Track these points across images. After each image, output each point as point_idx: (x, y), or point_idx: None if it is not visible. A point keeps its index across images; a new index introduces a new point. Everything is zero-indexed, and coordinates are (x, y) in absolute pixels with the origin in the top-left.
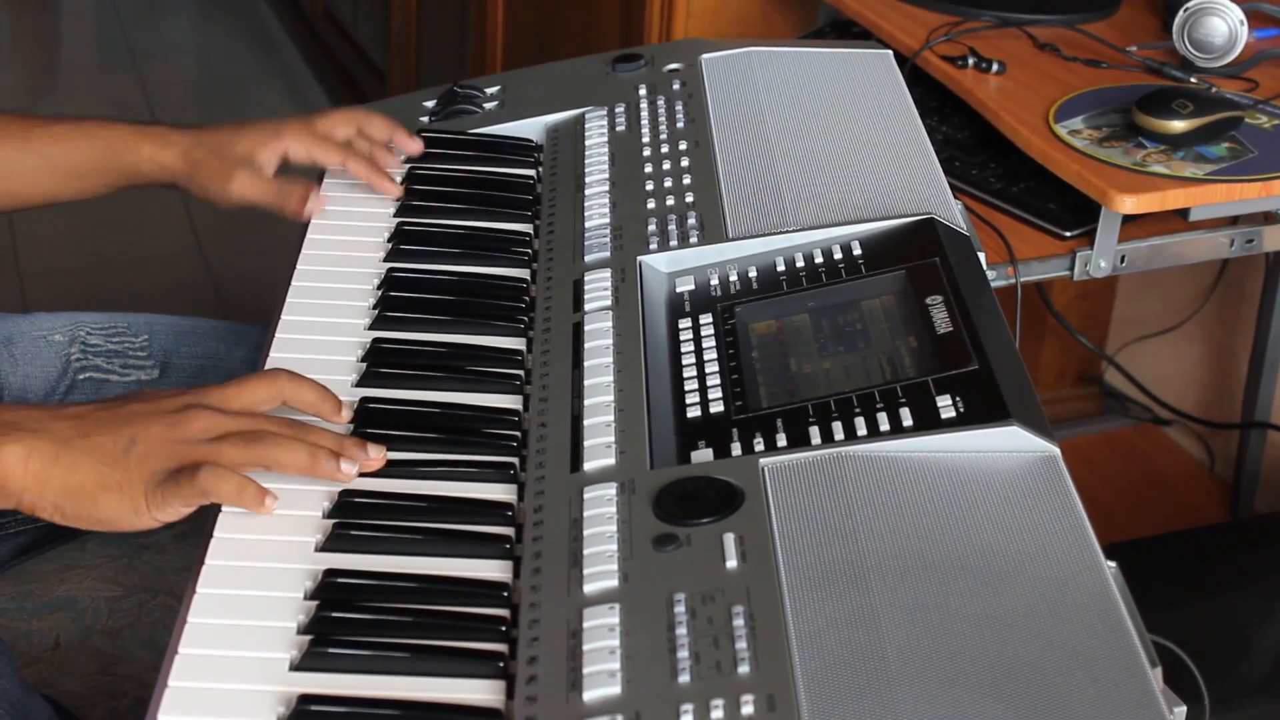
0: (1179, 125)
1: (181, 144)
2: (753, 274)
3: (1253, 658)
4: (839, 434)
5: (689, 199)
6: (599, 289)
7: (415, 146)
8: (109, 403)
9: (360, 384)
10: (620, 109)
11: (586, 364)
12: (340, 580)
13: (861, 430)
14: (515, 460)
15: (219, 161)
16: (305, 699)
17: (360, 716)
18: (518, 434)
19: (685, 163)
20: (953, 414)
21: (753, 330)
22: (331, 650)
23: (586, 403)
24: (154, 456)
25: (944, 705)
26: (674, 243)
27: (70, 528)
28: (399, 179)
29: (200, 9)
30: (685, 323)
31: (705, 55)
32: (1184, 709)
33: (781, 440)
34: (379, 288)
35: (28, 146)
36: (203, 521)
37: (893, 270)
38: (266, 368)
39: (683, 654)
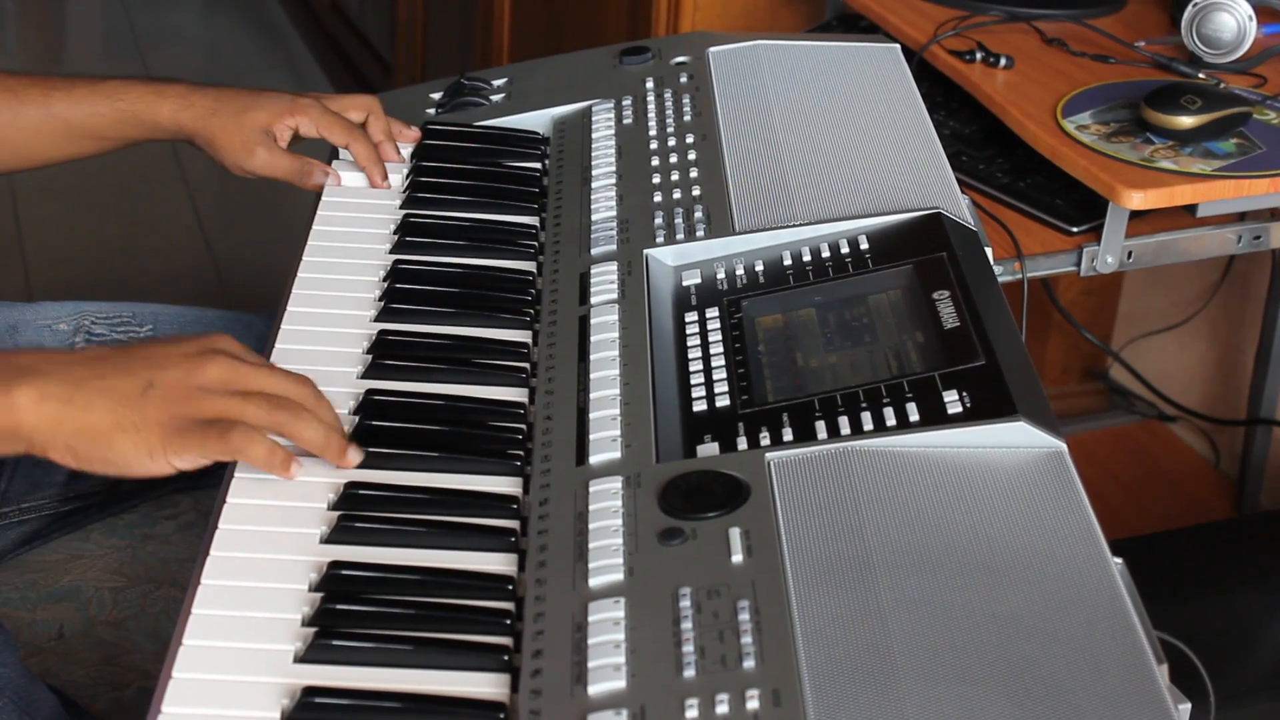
0: (1187, 121)
1: (202, 105)
2: (759, 268)
3: (1258, 654)
4: (845, 429)
5: (695, 192)
6: (605, 282)
7: (412, 134)
8: (128, 346)
9: (365, 376)
10: (627, 102)
11: (592, 357)
12: (345, 572)
13: (868, 425)
14: (520, 453)
15: (239, 132)
16: (309, 691)
17: (364, 709)
18: (523, 427)
19: (692, 156)
20: (959, 409)
21: (759, 324)
22: (336, 642)
23: (592, 396)
24: (172, 401)
25: (949, 701)
26: (680, 236)
27: (74, 518)
28: (405, 171)
29: (206, 1)
30: (691, 316)
31: (712, 48)
32: (1189, 705)
33: (788, 435)
34: (385, 279)
35: (49, 110)
36: (207, 512)
37: (899, 265)
38: (272, 359)
39: (688, 648)
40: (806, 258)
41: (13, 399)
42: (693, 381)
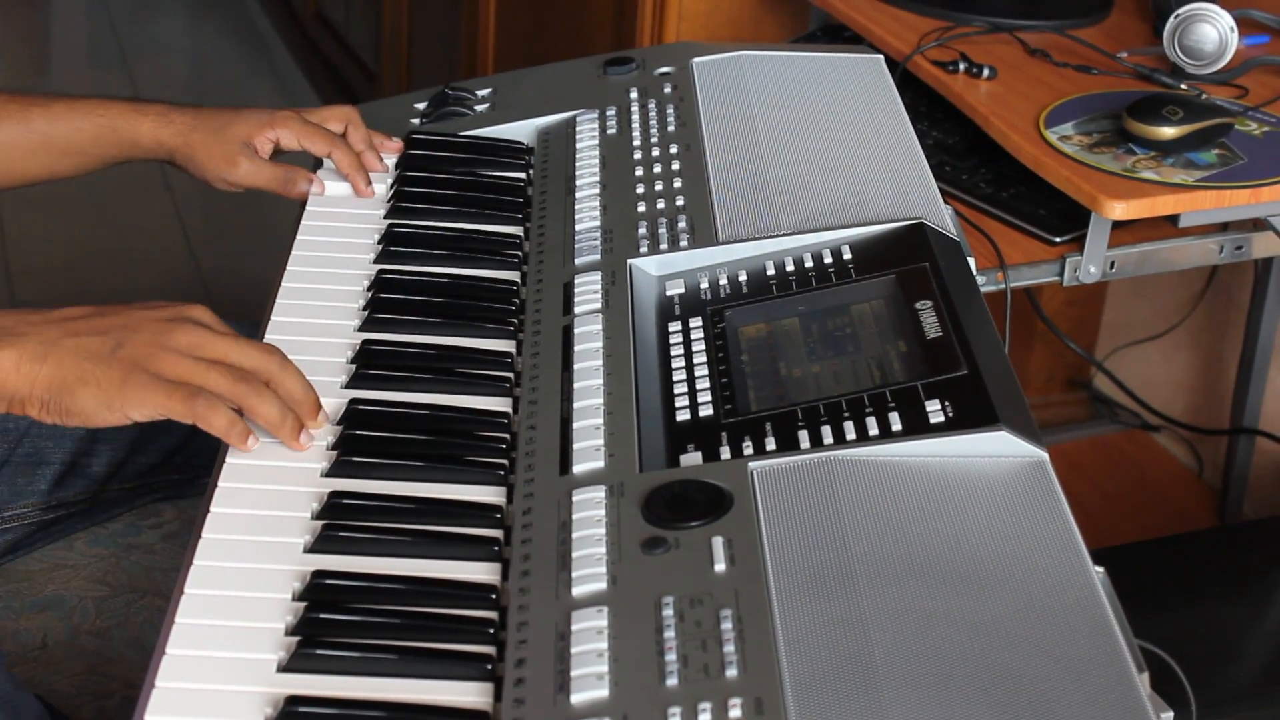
0: (1169, 131)
1: (181, 122)
2: (743, 278)
3: (1240, 663)
4: (828, 438)
5: (679, 202)
6: (589, 292)
7: (394, 145)
8: (105, 307)
9: (349, 385)
10: (611, 112)
11: (576, 367)
12: (328, 582)
13: (850, 434)
14: (504, 463)
15: (219, 145)
16: (293, 700)
17: (348, 718)
18: (507, 436)
19: (676, 166)
20: (941, 419)
21: (742, 334)
22: (319, 652)
23: (576, 405)
24: (137, 359)
25: (931, 709)
26: (664, 246)
27: (57, 526)
28: (389, 181)
29: (191, 8)
30: (675, 326)
31: (696, 59)
32: (1171, 714)
33: (770, 444)
34: (369, 289)
35: (28, 126)
36: (191, 522)
37: (882, 275)
38: None
39: (671, 657)
40: (790, 267)
41: None
42: (676, 391)
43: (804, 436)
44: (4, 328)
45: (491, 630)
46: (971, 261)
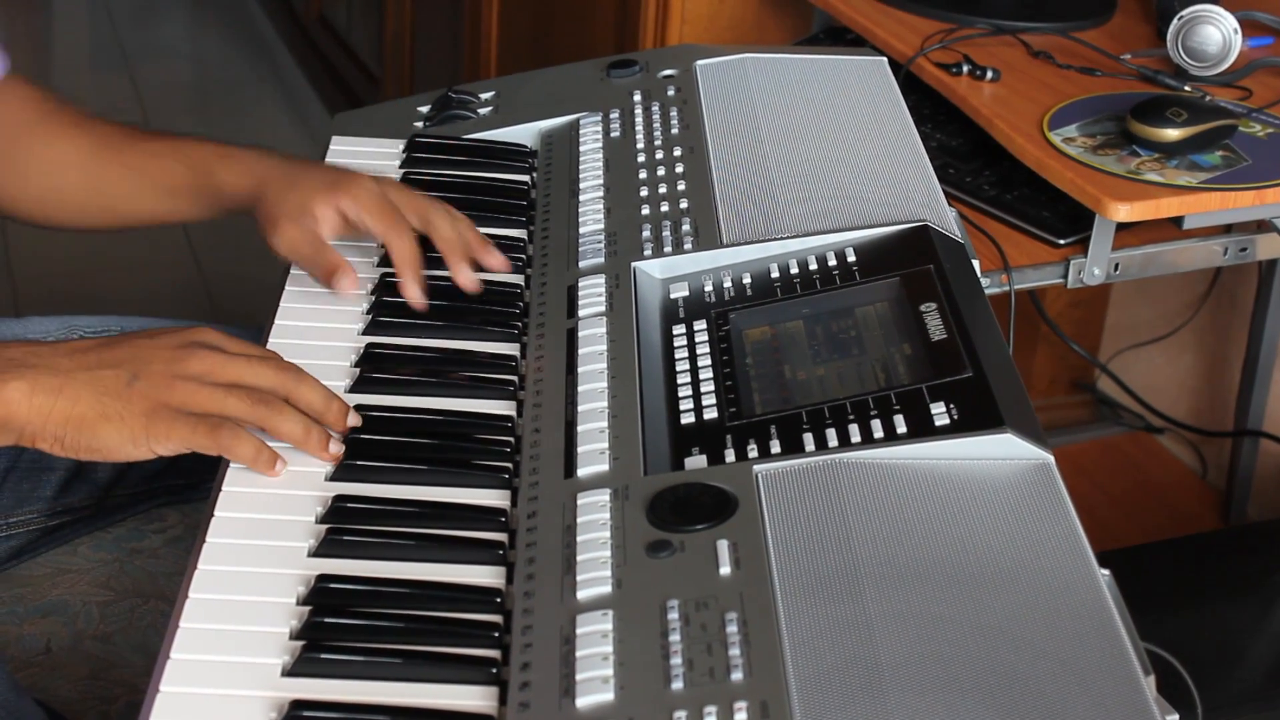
0: (1173, 133)
1: (259, 172)
2: (747, 280)
3: (1245, 666)
4: (833, 441)
5: (683, 205)
6: (593, 295)
7: (497, 261)
8: (113, 338)
9: (353, 389)
10: (615, 115)
11: (580, 370)
12: (333, 585)
13: (855, 437)
14: (509, 466)
15: (274, 208)
16: (297, 705)
17: None
18: (511, 440)
19: (680, 169)
20: (946, 421)
21: (747, 336)
22: (324, 656)
23: (580, 409)
24: (156, 391)
25: (936, 712)
26: (668, 249)
27: (61, 532)
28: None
29: (193, 11)
30: (679, 329)
31: (700, 61)
32: (1176, 717)
33: (775, 447)
34: (372, 293)
35: (126, 163)
36: (195, 526)
37: (887, 277)
38: None
39: (676, 660)
40: (794, 270)
41: (6, 392)
42: (680, 394)
43: (809, 439)
44: (13, 359)
45: (496, 634)
46: (976, 264)
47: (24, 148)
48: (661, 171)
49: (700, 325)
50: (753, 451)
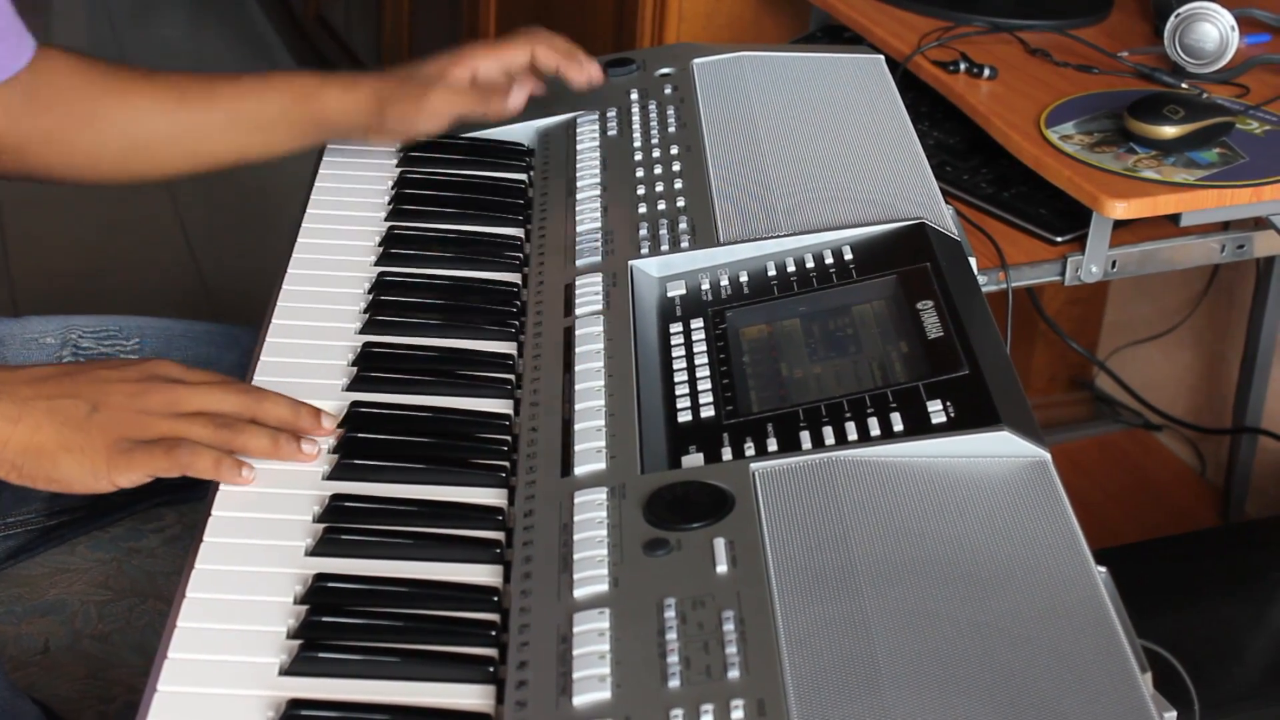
0: (1170, 131)
1: (368, 85)
2: (744, 278)
3: (1243, 663)
4: (830, 439)
5: (680, 203)
6: (590, 293)
7: (591, 72)
8: (72, 367)
9: (351, 388)
10: (612, 113)
11: (577, 368)
12: (330, 585)
13: (852, 435)
14: (506, 464)
15: (410, 86)
16: (294, 704)
17: None
18: (508, 438)
19: (677, 167)
20: (943, 419)
21: (744, 335)
22: (321, 655)
23: (577, 407)
24: (116, 424)
25: (934, 710)
26: (665, 247)
27: (59, 531)
28: (390, 183)
29: (192, 10)
30: (676, 327)
31: (697, 60)
32: (1174, 714)
33: (772, 445)
34: (370, 291)
35: (212, 104)
36: (192, 526)
37: (884, 275)
38: (256, 372)
39: (673, 659)
40: (791, 268)
41: None
42: (677, 392)
43: (806, 437)
44: None
45: (493, 632)
46: (973, 261)
47: (99, 108)
48: (659, 170)
49: (697, 324)
50: (750, 450)
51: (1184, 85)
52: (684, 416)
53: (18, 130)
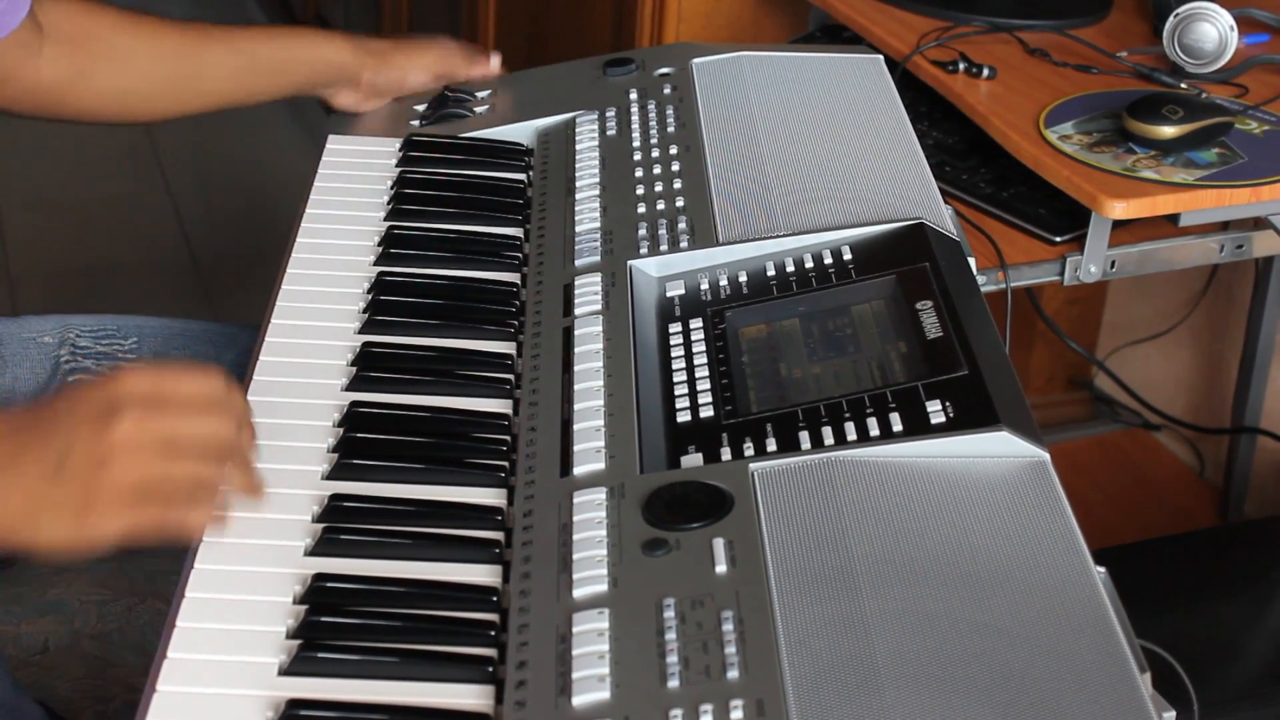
0: (1169, 131)
1: (360, 39)
2: (743, 278)
3: (1242, 663)
4: (829, 439)
5: (679, 203)
6: (589, 293)
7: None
8: (30, 412)
9: (350, 388)
10: (611, 113)
11: (576, 368)
12: (329, 585)
13: (851, 435)
14: (505, 464)
15: (402, 44)
16: (294, 704)
17: None
18: (507, 438)
19: (676, 167)
20: (942, 419)
21: (743, 335)
22: (320, 655)
23: (576, 407)
24: (88, 472)
25: (933, 710)
26: (664, 247)
27: None
28: (389, 183)
29: (190, 9)
30: (675, 327)
31: (696, 59)
32: (1173, 714)
33: (771, 445)
34: (369, 291)
35: (234, 47)
36: None
37: (883, 275)
38: (256, 372)
39: (672, 659)
40: (790, 268)
41: None
42: (677, 392)
43: (805, 437)
44: None
45: (492, 632)
46: (972, 261)
47: (116, 41)
48: (658, 170)
49: (696, 323)
50: (749, 450)
51: (1183, 85)
52: (683, 416)
53: (37, 75)
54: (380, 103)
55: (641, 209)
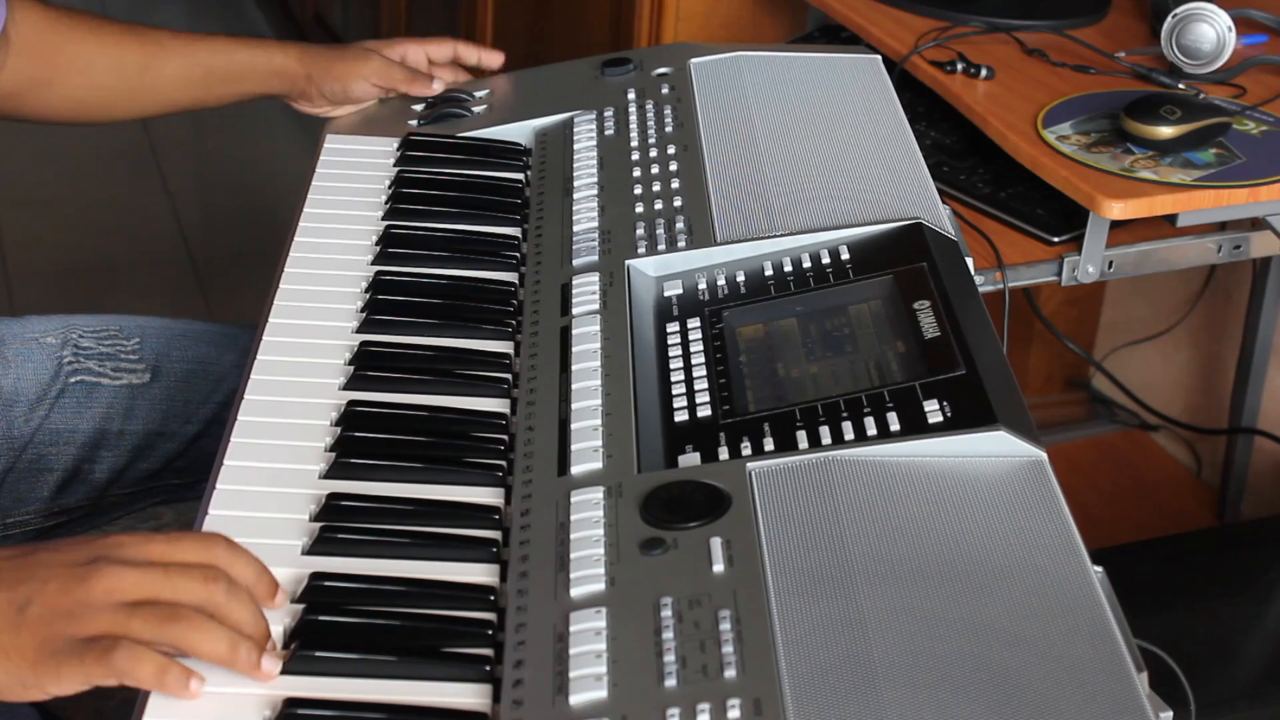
0: (1167, 131)
1: (302, 48)
2: (740, 278)
3: (1238, 663)
4: (826, 438)
5: (677, 203)
6: (587, 293)
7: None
8: (11, 552)
9: (348, 387)
10: (609, 113)
11: (574, 368)
12: (327, 584)
13: (849, 435)
14: (502, 464)
15: (347, 54)
16: (291, 703)
17: None
18: (505, 438)
19: (674, 167)
20: (940, 419)
21: (740, 334)
22: (318, 654)
23: (574, 406)
24: (48, 620)
25: (930, 710)
26: (662, 247)
27: (58, 532)
28: (387, 182)
29: (189, 10)
30: (673, 327)
31: (694, 59)
32: (1170, 714)
33: (769, 444)
34: (367, 291)
35: (193, 59)
36: (189, 525)
37: (880, 275)
38: (254, 372)
39: (669, 658)
40: (788, 268)
41: None
42: (674, 392)
43: (802, 437)
44: None
45: (490, 631)
46: (969, 261)
47: (78, 53)
48: (655, 170)
49: (694, 323)
50: (746, 449)
51: (1181, 86)
52: (681, 416)
53: (10, 80)
54: (339, 110)
55: (639, 209)
